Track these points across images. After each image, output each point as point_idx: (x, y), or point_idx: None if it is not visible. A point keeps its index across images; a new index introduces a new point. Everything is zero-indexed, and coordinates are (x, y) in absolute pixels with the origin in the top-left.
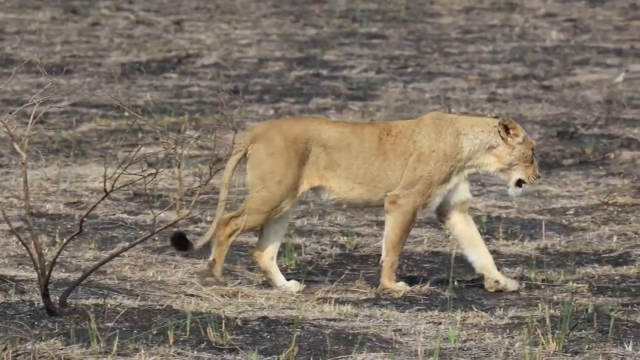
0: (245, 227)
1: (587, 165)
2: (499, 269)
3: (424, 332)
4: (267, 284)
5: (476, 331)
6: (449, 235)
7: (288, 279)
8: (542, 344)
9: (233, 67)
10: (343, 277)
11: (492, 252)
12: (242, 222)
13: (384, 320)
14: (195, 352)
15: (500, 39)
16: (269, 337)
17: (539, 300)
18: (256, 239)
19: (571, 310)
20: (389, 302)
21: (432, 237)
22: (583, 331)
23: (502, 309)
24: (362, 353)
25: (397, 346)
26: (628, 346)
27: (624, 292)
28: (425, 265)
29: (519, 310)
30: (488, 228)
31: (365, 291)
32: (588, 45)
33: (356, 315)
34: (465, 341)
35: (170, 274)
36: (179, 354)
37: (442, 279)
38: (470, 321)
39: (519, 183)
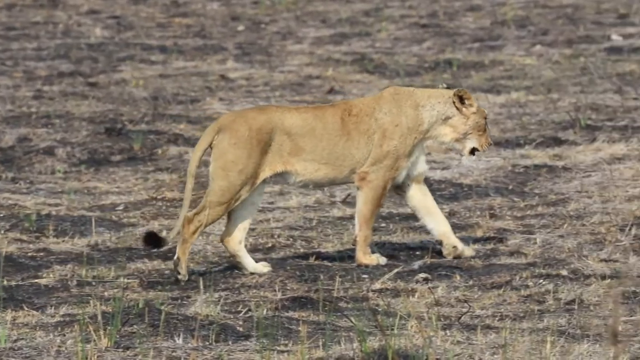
0: (208, 221)
1: (135, 161)
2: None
3: None
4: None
5: (27, 330)
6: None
7: None
8: (94, 340)
9: None
10: None
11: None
12: (205, 217)
13: None
14: None
15: (44, 36)
16: None
17: (90, 297)
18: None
19: (122, 306)
20: None
21: None
22: (135, 326)
23: (53, 307)
24: None
25: None
26: (178, 339)
27: (173, 286)
28: None
29: (71, 307)
30: (38, 226)
31: None
32: (132, 42)
33: None
34: (16, 341)
35: None
36: None
37: None
38: (20, 320)
39: (473, 151)
